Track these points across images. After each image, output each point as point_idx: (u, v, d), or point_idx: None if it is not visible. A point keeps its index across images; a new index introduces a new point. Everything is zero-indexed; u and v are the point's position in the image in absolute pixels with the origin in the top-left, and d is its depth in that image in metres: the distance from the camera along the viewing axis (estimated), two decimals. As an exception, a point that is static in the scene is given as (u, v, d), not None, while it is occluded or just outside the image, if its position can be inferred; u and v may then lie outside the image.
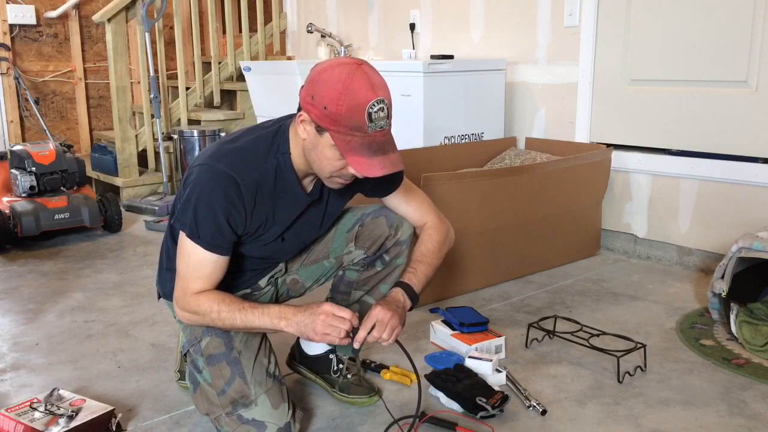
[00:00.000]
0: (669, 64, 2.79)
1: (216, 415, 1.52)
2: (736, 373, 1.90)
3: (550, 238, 2.79)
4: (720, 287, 2.07)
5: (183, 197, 1.45)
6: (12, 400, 1.78)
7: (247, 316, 1.43)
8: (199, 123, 4.40)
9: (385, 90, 1.37)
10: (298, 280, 1.76)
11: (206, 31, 4.78)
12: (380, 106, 1.34)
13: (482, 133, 3.22)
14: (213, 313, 1.44)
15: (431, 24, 3.76)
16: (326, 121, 1.34)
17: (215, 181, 1.41)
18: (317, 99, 1.34)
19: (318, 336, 1.40)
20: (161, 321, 2.32)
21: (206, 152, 1.48)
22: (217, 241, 1.43)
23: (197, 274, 1.45)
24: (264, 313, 1.43)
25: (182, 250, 1.47)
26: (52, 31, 4.83)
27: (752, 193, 2.60)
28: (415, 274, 1.59)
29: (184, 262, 1.46)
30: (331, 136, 1.35)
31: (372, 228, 1.67)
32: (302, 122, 1.40)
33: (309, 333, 1.40)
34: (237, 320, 1.44)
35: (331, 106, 1.32)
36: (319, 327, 1.39)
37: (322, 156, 1.39)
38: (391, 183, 1.65)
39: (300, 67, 3.53)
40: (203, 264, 1.45)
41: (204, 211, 1.41)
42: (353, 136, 1.34)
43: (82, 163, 3.50)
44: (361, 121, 1.33)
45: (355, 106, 1.32)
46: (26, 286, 2.72)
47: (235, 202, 1.42)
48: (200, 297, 1.45)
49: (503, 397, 1.69)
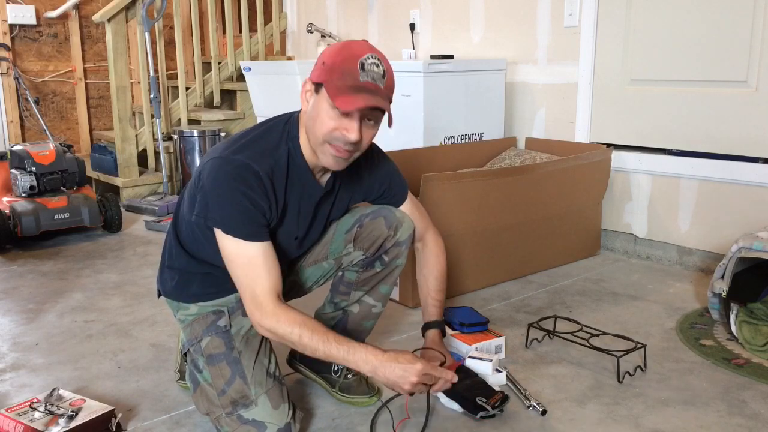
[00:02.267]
0: (669, 64, 2.79)
1: (216, 415, 1.52)
2: (736, 373, 1.90)
3: (550, 238, 2.79)
4: (720, 287, 2.07)
5: (199, 193, 1.44)
6: (12, 400, 1.78)
7: (331, 351, 1.39)
8: (199, 123, 4.40)
9: (383, 56, 1.43)
10: (298, 280, 1.76)
11: (206, 31, 4.78)
12: (374, 61, 1.39)
13: (482, 133, 3.22)
14: (294, 336, 1.40)
15: (431, 24, 3.76)
16: (323, 75, 1.39)
17: (232, 170, 1.41)
18: (318, 61, 1.42)
19: (409, 387, 1.41)
20: (161, 321, 2.32)
21: (218, 148, 1.49)
22: (252, 228, 1.42)
23: (256, 275, 1.41)
24: (350, 352, 1.39)
25: (227, 254, 1.43)
26: (52, 31, 4.83)
27: (752, 193, 2.60)
28: (440, 305, 1.79)
29: (237, 267, 1.42)
30: (325, 88, 1.38)
31: (371, 229, 1.68)
32: (306, 93, 1.45)
33: (402, 385, 1.41)
34: (319, 351, 1.40)
35: (328, 59, 1.40)
36: (413, 379, 1.40)
37: (317, 117, 1.42)
38: (399, 197, 1.72)
39: (300, 67, 3.53)
40: (254, 261, 1.41)
41: (229, 202, 1.40)
42: (344, 81, 1.37)
43: (82, 163, 3.50)
44: (354, 68, 1.37)
45: (350, 56, 1.38)
46: (26, 286, 2.72)
47: (255, 189, 1.42)
48: (279, 314, 1.40)
49: (503, 397, 1.69)
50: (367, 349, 1.41)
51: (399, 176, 1.73)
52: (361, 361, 1.39)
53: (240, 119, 4.51)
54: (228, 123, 4.45)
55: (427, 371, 1.41)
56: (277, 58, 4.79)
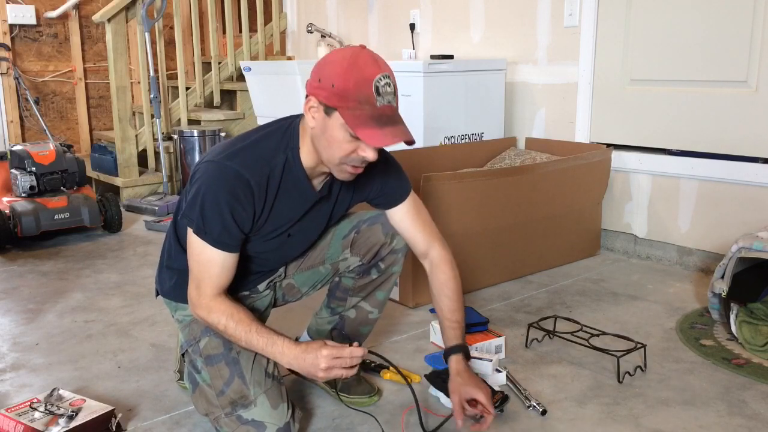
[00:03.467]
0: (669, 64, 2.79)
1: (215, 416, 1.52)
2: (736, 373, 1.90)
3: (550, 238, 2.79)
4: (720, 287, 2.07)
5: (190, 194, 1.45)
6: (12, 400, 1.78)
7: (252, 340, 1.45)
8: (199, 123, 4.40)
9: (388, 68, 1.39)
10: (294, 285, 1.76)
11: (206, 31, 4.78)
12: (387, 80, 1.36)
13: (482, 133, 3.22)
14: (220, 326, 1.46)
15: (431, 24, 3.76)
16: (335, 99, 1.34)
17: (223, 178, 1.41)
18: (324, 80, 1.35)
19: (323, 373, 1.42)
20: (161, 321, 2.32)
21: (215, 150, 1.48)
22: (223, 238, 1.43)
23: (207, 273, 1.45)
24: (268, 343, 1.44)
25: (191, 248, 1.47)
26: (52, 31, 4.83)
27: (752, 193, 2.60)
28: (460, 326, 1.65)
29: (194, 261, 1.47)
30: (340, 114, 1.34)
31: (368, 235, 1.67)
32: (311, 109, 1.40)
33: (315, 373, 1.42)
34: (242, 341, 1.46)
35: (338, 82, 1.33)
36: (323, 365, 1.41)
37: (331, 139, 1.38)
38: (399, 193, 1.65)
39: (300, 67, 3.53)
40: (211, 262, 1.45)
41: (210, 208, 1.41)
42: (362, 110, 1.34)
43: (82, 163, 3.50)
44: (369, 93, 1.33)
45: (362, 79, 1.33)
46: (26, 286, 2.72)
47: (241, 200, 1.42)
48: (212, 305, 1.46)
49: (503, 397, 1.69)
50: (284, 342, 1.44)
51: (398, 176, 1.66)
52: (279, 354, 1.44)
53: (240, 119, 4.51)
54: (228, 123, 4.45)
55: (334, 354, 1.41)
56: (277, 58, 4.79)
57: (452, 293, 1.66)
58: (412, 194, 1.68)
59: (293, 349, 1.43)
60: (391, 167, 1.66)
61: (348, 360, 1.42)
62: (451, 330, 1.64)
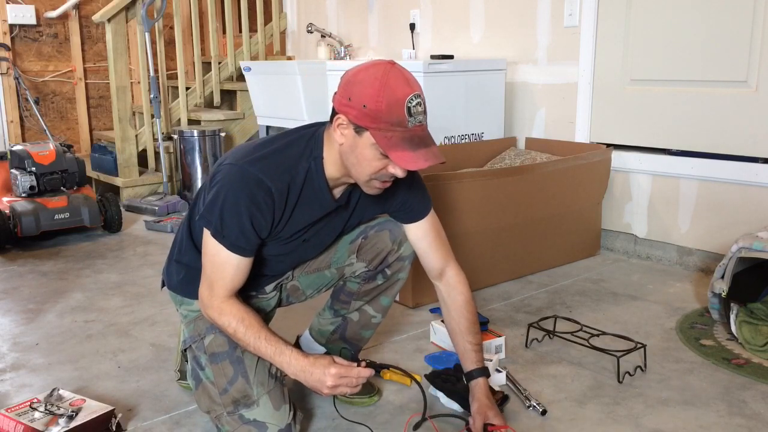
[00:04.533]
0: (669, 64, 2.79)
1: (217, 414, 1.52)
2: (736, 373, 1.90)
3: (550, 238, 2.79)
4: (720, 287, 2.07)
5: (209, 195, 1.45)
6: (12, 400, 1.78)
7: (260, 347, 1.45)
8: (199, 123, 4.40)
9: (418, 86, 1.38)
10: (298, 287, 1.76)
11: (206, 31, 4.78)
12: (418, 100, 1.36)
13: (482, 133, 3.22)
14: (230, 329, 1.46)
15: (431, 24, 3.76)
16: (366, 119, 1.34)
17: (244, 183, 1.41)
18: (355, 99, 1.35)
19: (328, 390, 1.42)
20: (161, 321, 2.32)
21: (237, 152, 1.48)
22: (240, 242, 1.44)
23: (221, 275, 1.46)
24: (276, 352, 1.44)
25: (207, 249, 1.47)
26: (52, 31, 4.83)
27: (752, 193, 2.60)
28: (479, 348, 1.65)
29: (209, 262, 1.47)
30: (371, 135, 1.35)
31: (375, 241, 1.67)
32: (339, 126, 1.40)
33: (320, 389, 1.43)
34: (250, 346, 1.46)
35: (370, 103, 1.33)
36: (329, 383, 1.41)
37: (361, 157, 1.39)
38: (420, 209, 1.65)
39: (300, 67, 3.52)
40: (226, 265, 1.45)
41: (230, 211, 1.41)
42: (394, 131, 1.34)
43: (82, 163, 3.50)
44: (401, 115, 1.33)
45: (394, 101, 1.33)
46: (26, 286, 2.72)
47: (261, 207, 1.42)
48: (224, 307, 1.46)
49: (503, 397, 1.69)
50: (292, 352, 1.44)
51: (422, 192, 1.67)
52: (286, 364, 1.44)
53: (240, 119, 4.51)
54: (228, 123, 4.45)
55: (342, 374, 1.42)
56: (277, 58, 4.79)
57: (472, 315, 1.67)
58: (432, 212, 1.68)
59: (301, 360, 1.43)
60: (416, 182, 1.65)
61: (354, 380, 1.43)
62: (474, 353, 1.64)
